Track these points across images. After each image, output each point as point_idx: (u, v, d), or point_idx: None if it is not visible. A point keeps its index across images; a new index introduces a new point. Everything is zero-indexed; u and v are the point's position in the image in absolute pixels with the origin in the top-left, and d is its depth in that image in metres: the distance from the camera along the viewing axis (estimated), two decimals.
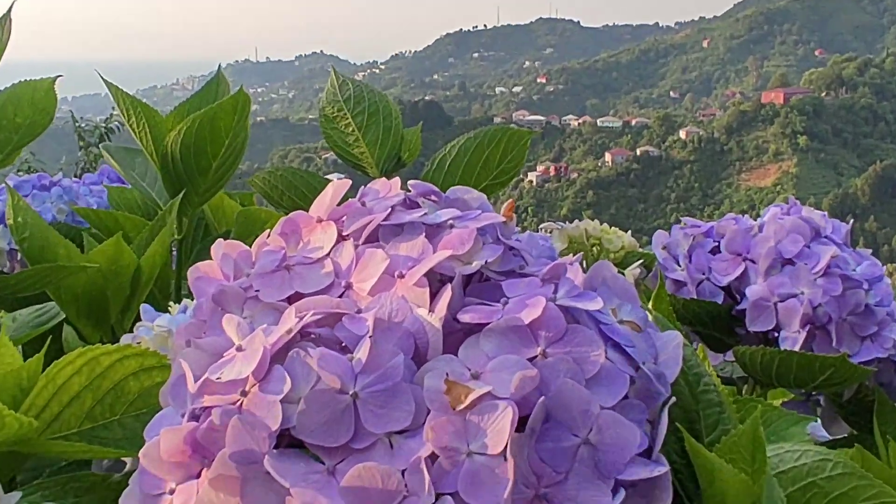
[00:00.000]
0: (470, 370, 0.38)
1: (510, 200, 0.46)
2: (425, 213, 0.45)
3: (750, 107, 76.19)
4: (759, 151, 72.95)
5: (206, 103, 0.97)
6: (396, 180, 0.47)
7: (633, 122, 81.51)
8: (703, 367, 0.45)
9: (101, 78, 0.96)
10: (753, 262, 0.82)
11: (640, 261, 0.93)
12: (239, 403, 0.39)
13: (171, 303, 0.67)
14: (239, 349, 0.40)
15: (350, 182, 0.48)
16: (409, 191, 0.48)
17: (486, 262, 0.42)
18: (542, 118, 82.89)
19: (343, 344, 0.40)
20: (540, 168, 73.35)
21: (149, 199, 1.06)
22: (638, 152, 73.85)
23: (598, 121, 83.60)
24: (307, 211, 0.48)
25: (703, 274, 0.83)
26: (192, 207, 1.00)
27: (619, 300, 0.42)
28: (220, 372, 0.40)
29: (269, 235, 0.47)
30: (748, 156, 73.14)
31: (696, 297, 0.82)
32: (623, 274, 0.75)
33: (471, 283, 0.43)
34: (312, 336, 0.41)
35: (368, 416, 0.37)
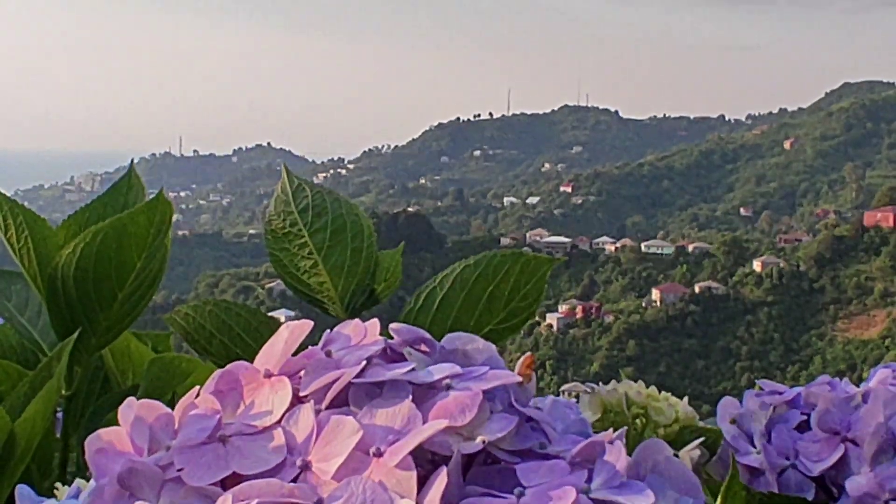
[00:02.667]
0: None
1: (528, 354, 0.46)
2: (413, 369, 0.45)
3: (848, 231, 77.03)
4: (861, 291, 73.40)
5: (113, 211, 0.98)
6: (374, 323, 0.48)
7: (691, 249, 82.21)
8: None
9: None
10: (856, 443, 0.82)
11: (701, 438, 0.93)
12: None
13: (57, 483, 0.67)
14: None
15: (311, 323, 0.48)
16: (392, 337, 0.48)
17: (494, 437, 0.42)
18: (566, 240, 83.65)
19: None
20: (563, 308, 73.65)
21: (29, 341, 1.06)
22: (697, 289, 74.24)
23: (642, 245, 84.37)
24: (248, 361, 0.48)
25: (788, 459, 0.83)
26: (89, 352, 1.00)
27: (676, 493, 0.42)
28: None
29: (198, 394, 0.48)
30: (846, 297, 73.55)
31: (777, 490, 0.82)
32: (678, 457, 0.75)
33: (473, 466, 0.43)
34: None
35: None
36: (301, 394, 0.46)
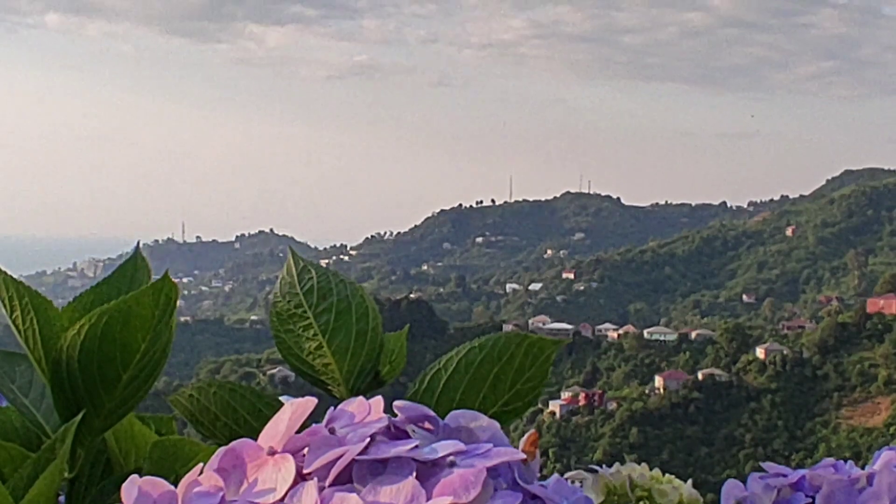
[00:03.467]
0: None
1: (532, 432, 0.47)
2: (417, 446, 0.45)
3: (851, 318, 76.95)
4: (864, 378, 73.17)
5: (118, 293, 0.98)
6: (378, 400, 0.48)
7: (693, 336, 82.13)
8: None
9: None
10: None
11: None
12: None
13: None
14: None
15: (315, 401, 0.49)
16: (396, 415, 0.48)
17: None
18: (568, 327, 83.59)
19: None
20: (566, 395, 73.39)
21: (32, 423, 1.06)
22: (700, 376, 74.01)
23: (644, 332, 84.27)
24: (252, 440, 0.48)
25: None
26: (92, 435, 1.00)
27: None
28: None
29: (201, 472, 0.48)
30: (850, 384, 73.29)
31: None
32: None
33: None
34: None
35: None
36: (305, 471, 0.46)
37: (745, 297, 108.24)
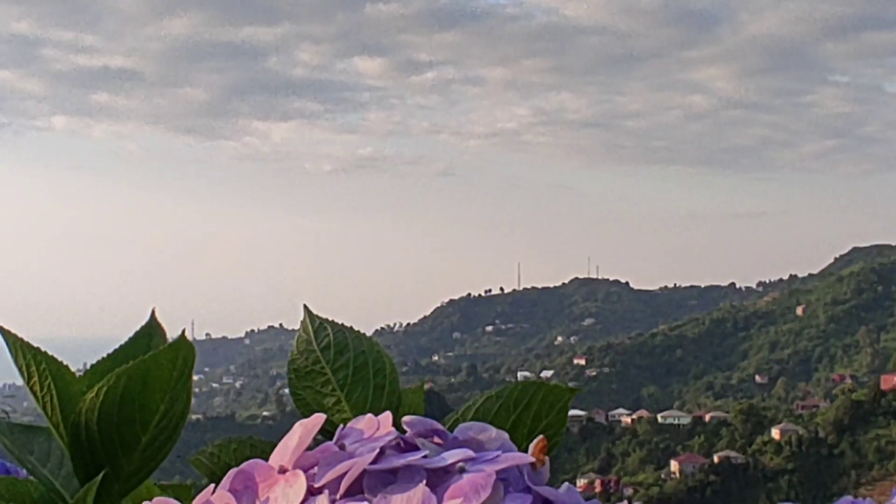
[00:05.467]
0: None
1: (541, 437, 0.48)
2: (426, 455, 0.47)
3: (866, 395, 76.39)
4: (882, 456, 72.44)
5: (135, 357, 0.99)
6: (387, 415, 0.50)
7: (708, 418, 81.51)
8: None
9: None
10: None
11: None
12: None
13: None
14: None
15: (324, 417, 0.50)
16: (405, 430, 0.50)
17: None
18: (581, 413, 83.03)
19: None
20: (581, 482, 72.60)
21: (51, 491, 1.06)
22: (716, 459, 73.34)
23: (658, 416, 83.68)
24: None
25: None
26: (111, 500, 1.00)
27: None
28: None
29: (213, 491, 0.49)
30: (867, 462, 72.56)
31: None
32: None
33: None
34: None
35: None
36: (316, 485, 0.47)
37: (757, 377, 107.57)
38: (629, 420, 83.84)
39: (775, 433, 74.79)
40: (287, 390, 1.03)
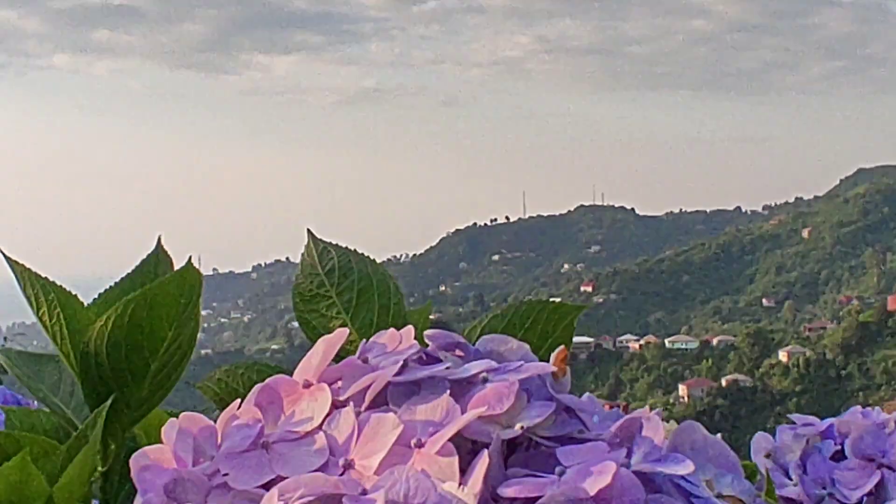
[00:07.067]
0: None
1: (562, 347, 0.47)
2: (449, 367, 0.46)
3: (873, 316, 76.69)
4: (889, 376, 72.87)
5: (142, 285, 0.99)
6: (409, 329, 0.49)
7: (715, 342, 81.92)
8: None
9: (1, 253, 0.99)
10: (892, 469, 0.82)
11: None
12: None
13: None
14: None
15: (346, 331, 0.49)
16: (427, 344, 0.49)
17: (533, 423, 0.43)
18: (589, 340, 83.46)
19: None
20: None
21: (63, 420, 1.06)
22: (724, 382, 73.81)
23: (666, 341, 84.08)
24: None
25: (825, 488, 0.83)
26: (122, 426, 1.00)
27: (716, 469, 0.43)
28: None
29: (239, 406, 0.48)
30: (875, 383, 73.02)
31: None
32: None
33: (514, 452, 0.43)
34: None
35: None
36: (340, 399, 0.47)
37: (764, 301, 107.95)
38: (637, 346, 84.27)
39: (783, 356, 75.18)
40: (296, 324, 1.03)
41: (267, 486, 0.44)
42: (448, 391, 0.45)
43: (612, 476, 0.39)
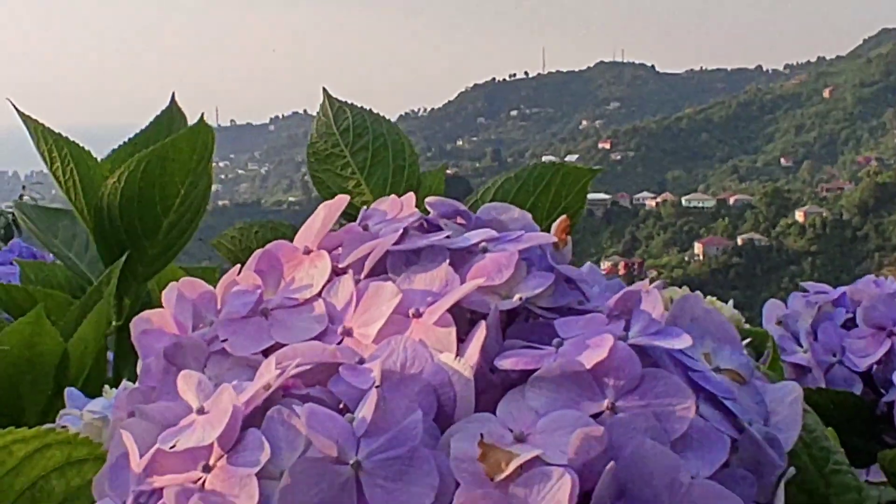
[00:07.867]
0: (512, 431, 0.38)
1: (563, 217, 0.47)
2: (449, 236, 0.46)
3: (891, 177, 76.36)
4: None
5: (156, 142, 0.99)
6: (410, 196, 0.48)
7: (732, 201, 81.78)
8: (831, 441, 0.45)
9: (14, 107, 0.99)
10: None
11: (748, 339, 0.93)
12: (201, 481, 0.39)
13: (106, 386, 0.68)
14: (200, 412, 0.41)
15: (347, 198, 0.49)
16: (428, 211, 0.49)
17: (531, 294, 0.43)
18: (606, 197, 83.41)
19: (341, 404, 0.40)
20: (605, 265, 73.40)
21: (77, 274, 1.07)
22: (739, 241, 73.90)
23: (683, 199, 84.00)
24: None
25: (835, 356, 0.83)
26: (136, 282, 1.01)
27: (715, 342, 0.42)
28: (175, 440, 0.40)
29: (239, 271, 0.48)
30: (891, 244, 73.00)
31: (824, 386, 0.82)
32: None
33: (513, 323, 0.43)
34: (298, 394, 0.41)
35: (376, 492, 0.38)
36: (340, 266, 0.47)
37: (783, 160, 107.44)
38: (654, 203, 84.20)
39: (799, 216, 75.10)
40: None
41: (265, 353, 0.44)
42: (447, 261, 0.44)
43: (610, 349, 0.39)
